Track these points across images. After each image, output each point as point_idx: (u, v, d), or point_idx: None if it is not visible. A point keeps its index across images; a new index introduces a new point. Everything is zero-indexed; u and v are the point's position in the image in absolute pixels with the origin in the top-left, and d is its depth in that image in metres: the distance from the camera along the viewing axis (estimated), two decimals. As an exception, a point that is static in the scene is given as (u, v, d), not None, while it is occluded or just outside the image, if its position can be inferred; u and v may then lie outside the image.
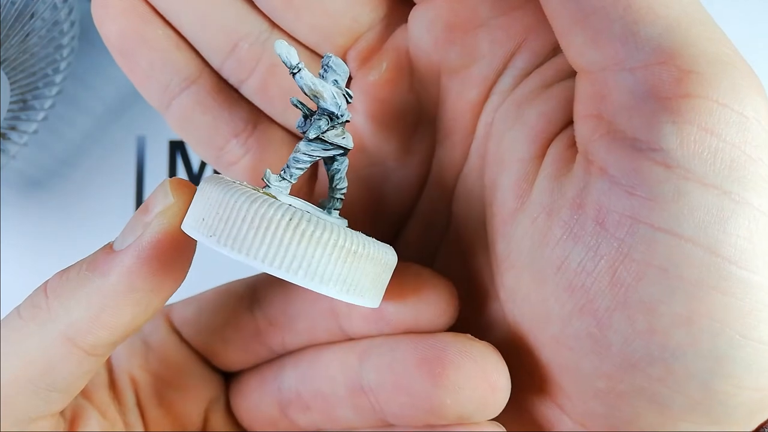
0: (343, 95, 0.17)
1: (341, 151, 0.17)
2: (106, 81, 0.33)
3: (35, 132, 0.30)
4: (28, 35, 0.27)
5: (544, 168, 0.17)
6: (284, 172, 0.17)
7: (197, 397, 0.21)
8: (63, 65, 0.29)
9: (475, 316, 0.19)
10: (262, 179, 0.16)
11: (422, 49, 0.18)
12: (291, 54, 0.16)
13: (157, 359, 0.21)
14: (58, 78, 0.29)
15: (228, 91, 0.20)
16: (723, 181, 0.14)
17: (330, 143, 0.17)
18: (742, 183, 0.14)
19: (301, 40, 0.19)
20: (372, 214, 0.20)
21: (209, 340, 0.21)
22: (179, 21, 0.19)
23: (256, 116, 0.20)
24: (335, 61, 0.17)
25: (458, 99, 0.18)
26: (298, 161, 0.17)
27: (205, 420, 0.21)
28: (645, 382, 0.15)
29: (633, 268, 0.14)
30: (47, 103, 0.30)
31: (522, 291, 0.17)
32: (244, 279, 0.21)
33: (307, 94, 0.16)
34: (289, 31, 0.19)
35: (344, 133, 0.17)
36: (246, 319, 0.20)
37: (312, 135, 0.16)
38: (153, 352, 0.21)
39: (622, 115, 0.15)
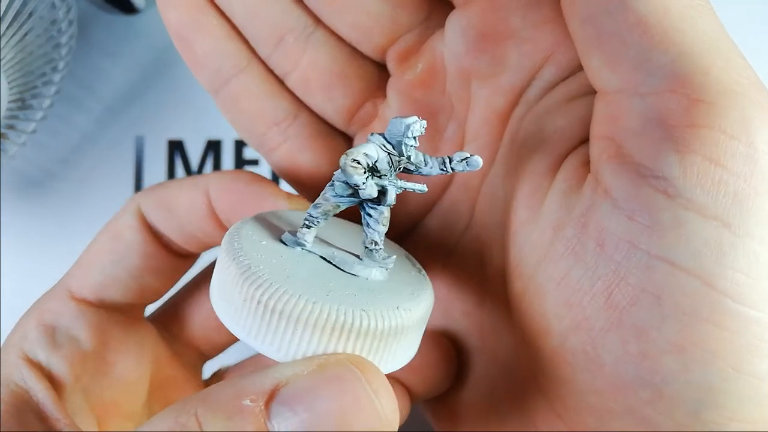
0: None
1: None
2: (104, 80, 0.33)
3: (34, 131, 0.30)
4: (26, 34, 0.27)
5: (556, 183, 0.17)
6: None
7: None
8: (61, 64, 0.29)
9: (487, 318, 0.19)
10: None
11: (455, 54, 0.19)
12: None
13: None
14: (56, 77, 0.29)
15: (273, 81, 0.21)
16: (725, 213, 0.14)
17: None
18: (745, 216, 0.14)
19: (343, 37, 0.20)
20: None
21: None
22: (232, 12, 0.21)
23: (298, 107, 0.21)
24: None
25: (487, 105, 0.19)
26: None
27: None
28: (635, 403, 0.15)
29: (628, 292, 0.14)
30: (46, 103, 0.30)
31: (526, 300, 0.17)
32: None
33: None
34: (332, 28, 0.20)
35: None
36: None
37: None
38: None
39: (630, 140, 0.15)
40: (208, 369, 0.24)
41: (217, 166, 0.33)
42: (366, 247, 0.16)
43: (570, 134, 0.17)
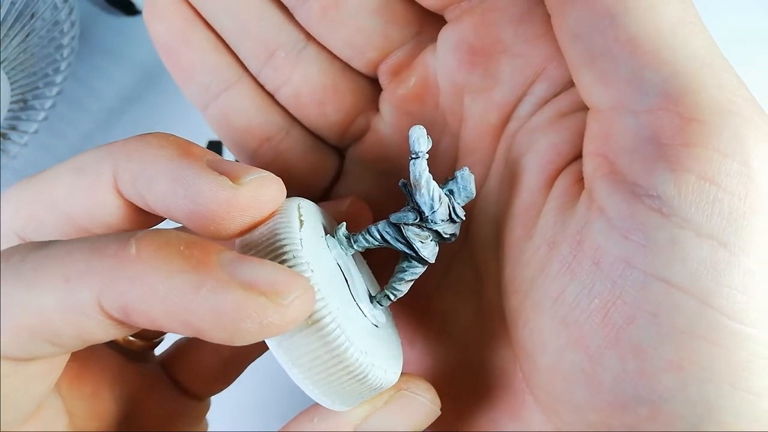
0: (449, 207, 0.16)
1: (413, 254, 0.16)
2: (106, 81, 0.33)
3: (36, 132, 0.30)
4: (28, 35, 0.27)
5: (550, 200, 0.17)
6: (354, 236, 0.16)
7: None
8: (63, 65, 0.29)
9: (482, 333, 0.19)
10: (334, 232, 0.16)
11: (447, 68, 0.19)
12: (421, 141, 0.16)
13: None
14: (58, 78, 0.30)
15: (264, 96, 0.21)
16: (720, 232, 0.14)
17: (404, 239, 0.16)
18: (741, 234, 0.14)
19: (335, 53, 0.20)
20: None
21: None
22: (221, 26, 0.20)
23: (290, 123, 0.21)
24: (464, 176, 0.16)
25: (480, 120, 0.19)
26: (369, 234, 0.16)
27: None
28: (633, 420, 0.15)
29: (624, 311, 0.14)
30: (48, 103, 0.30)
31: (523, 316, 0.17)
32: None
33: (411, 181, 0.16)
34: (324, 44, 0.20)
35: (429, 242, 0.16)
36: None
37: (393, 219, 0.16)
38: None
39: (624, 158, 0.15)
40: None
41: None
42: (386, 295, 0.16)
43: (563, 150, 0.17)
